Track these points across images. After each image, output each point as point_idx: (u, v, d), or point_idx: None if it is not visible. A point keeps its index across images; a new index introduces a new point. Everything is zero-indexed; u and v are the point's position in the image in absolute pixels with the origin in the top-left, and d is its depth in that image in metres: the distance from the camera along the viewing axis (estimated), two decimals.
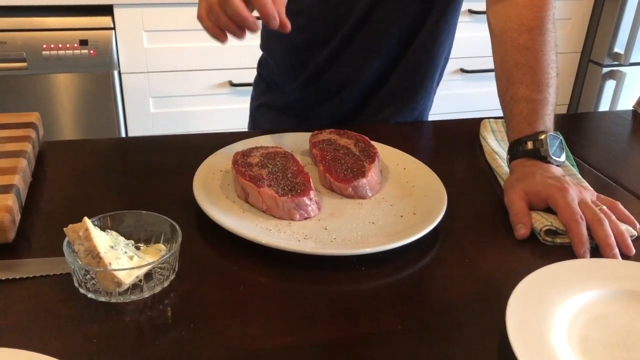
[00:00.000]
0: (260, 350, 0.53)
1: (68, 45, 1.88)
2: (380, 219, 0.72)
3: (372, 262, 0.65)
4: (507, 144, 0.84)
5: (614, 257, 0.68)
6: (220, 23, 0.69)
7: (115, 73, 1.98)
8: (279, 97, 1.14)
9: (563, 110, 2.55)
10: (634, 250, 0.69)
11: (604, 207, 0.73)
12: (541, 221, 0.72)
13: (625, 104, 2.39)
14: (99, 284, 0.56)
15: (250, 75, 1.26)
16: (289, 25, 0.69)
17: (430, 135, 1.08)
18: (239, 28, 0.68)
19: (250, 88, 1.23)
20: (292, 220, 0.70)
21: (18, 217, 0.67)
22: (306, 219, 0.71)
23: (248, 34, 0.70)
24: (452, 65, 2.30)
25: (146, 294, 0.58)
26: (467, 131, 1.01)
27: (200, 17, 0.71)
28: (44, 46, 1.87)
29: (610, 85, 2.42)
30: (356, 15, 0.99)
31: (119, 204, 0.72)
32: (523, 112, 0.82)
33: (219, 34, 0.70)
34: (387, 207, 0.75)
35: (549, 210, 0.74)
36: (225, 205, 0.72)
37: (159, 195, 0.77)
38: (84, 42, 1.89)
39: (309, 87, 1.09)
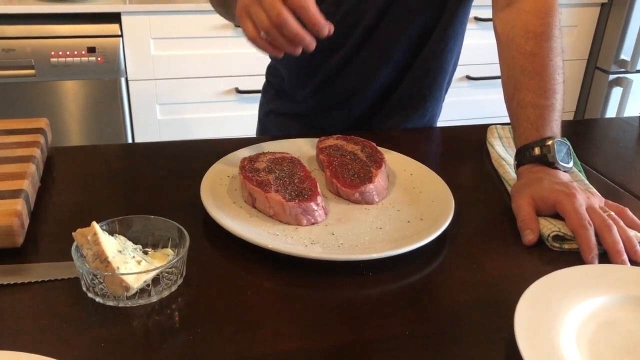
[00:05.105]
0: (267, 355, 0.53)
1: (76, 53, 1.90)
2: (387, 225, 0.72)
3: (379, 268, 0.65)
4: (514, 150, 0.84)
5: (622, 263, 0.67)
6: (277, 44, 0.71)
7: (123, 80, 1.99)
8: (288, 104, 1.14)
9: (569, 117, 2.54)
10: None
11: (612, 213, 0.73)
12: (549, 227, 0.71)
13: (632, 110, 2.38)
14: (107, 288, 0.57)
15: (257, 82, 1.27)
16: (331, 28, 0.70)
17: (436, 141, 1.08)
18: (295, 45, 0.71)
19: (256, 95, 1.24)
20: (299, 225, 0.70)
21: (27, 222, 0.68)
22: (313, 224, 0.71)
23: None
24: (458, 72, 2.30)
25: (154, 299, 0.58)
26: (473, 137, 1.01)
27: (252, 39, 0.73)
28: (52, 53, 1.88)
29: (616, 92, 2.41)
30: (365, 24, 0.99)
31: (127, 209, 0.73)
32: (530, 118, 0.82)
33: (275, 52, 0.73)
34: (394, 213, 0.75)
35: (556, 216, 0.73)
36: (233, 210, 0.72)
37: (167, 201, 0.77)
38: (91, 50, 1.91)
39: (318, 95, 1.09)
